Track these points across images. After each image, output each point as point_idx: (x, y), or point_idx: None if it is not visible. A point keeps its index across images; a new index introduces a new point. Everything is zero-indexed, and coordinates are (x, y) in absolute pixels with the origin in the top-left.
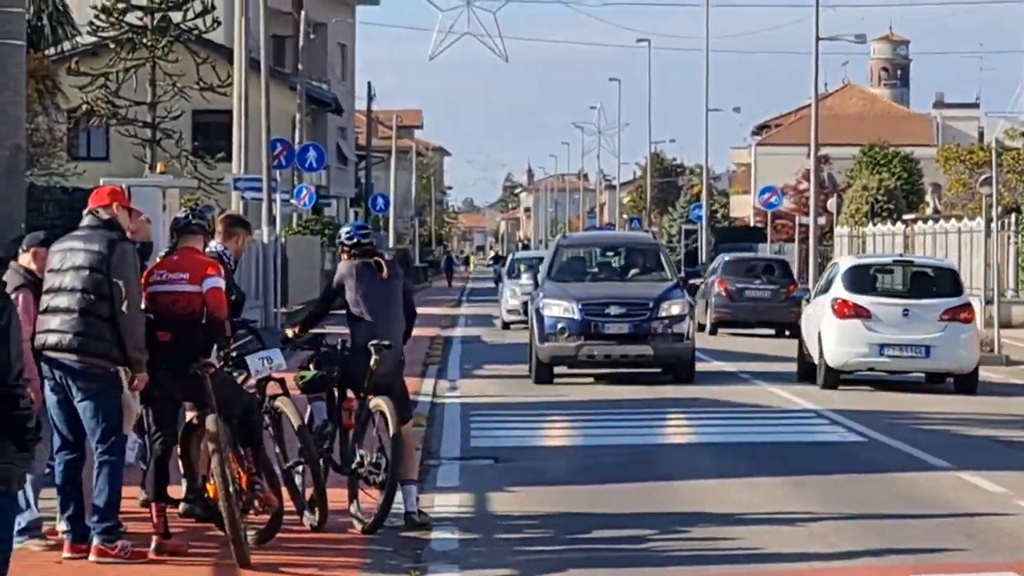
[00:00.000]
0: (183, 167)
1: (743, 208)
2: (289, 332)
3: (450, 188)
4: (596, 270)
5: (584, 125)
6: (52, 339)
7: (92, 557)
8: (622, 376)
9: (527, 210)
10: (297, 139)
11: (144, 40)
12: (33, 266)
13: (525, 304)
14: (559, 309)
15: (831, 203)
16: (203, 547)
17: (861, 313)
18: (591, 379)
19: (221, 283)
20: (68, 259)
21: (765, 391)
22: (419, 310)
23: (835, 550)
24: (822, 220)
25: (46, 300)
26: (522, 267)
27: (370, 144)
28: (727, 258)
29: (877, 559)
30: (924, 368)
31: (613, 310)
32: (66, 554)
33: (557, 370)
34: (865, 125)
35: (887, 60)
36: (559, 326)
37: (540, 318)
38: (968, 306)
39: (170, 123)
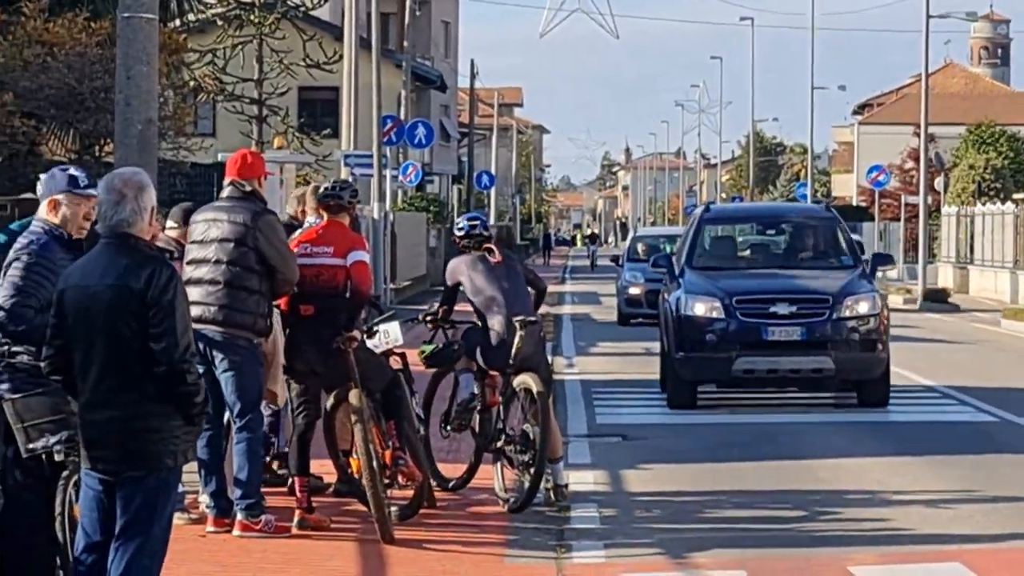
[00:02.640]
0: (289, 143)
1: (845, 187)
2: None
3: (548, 166)
4: (753, 254)
5: (685, 103)
6: (196, 311)
7: (236, 532)
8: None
9: (625, 188)
10: (403, 116)
11: (251, 17)
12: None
13: (649, 294)
14: (705, 308)
15: (938, 182)
16: (345, 522)
17: None
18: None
19: (366, 257)
20: (212, 231)
21: None
22: None
23: (984, 532)
24: (928, 199)
25: (189, 271)
26: (641, 247)
27: (472, 122)
28: None
29: None
30: None
31: (780, 309)
32: (210, 528)
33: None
34: (968, 104)
35: (988, 39)
36: (706, 331)
37: (679, 321)
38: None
39: (276, 100)
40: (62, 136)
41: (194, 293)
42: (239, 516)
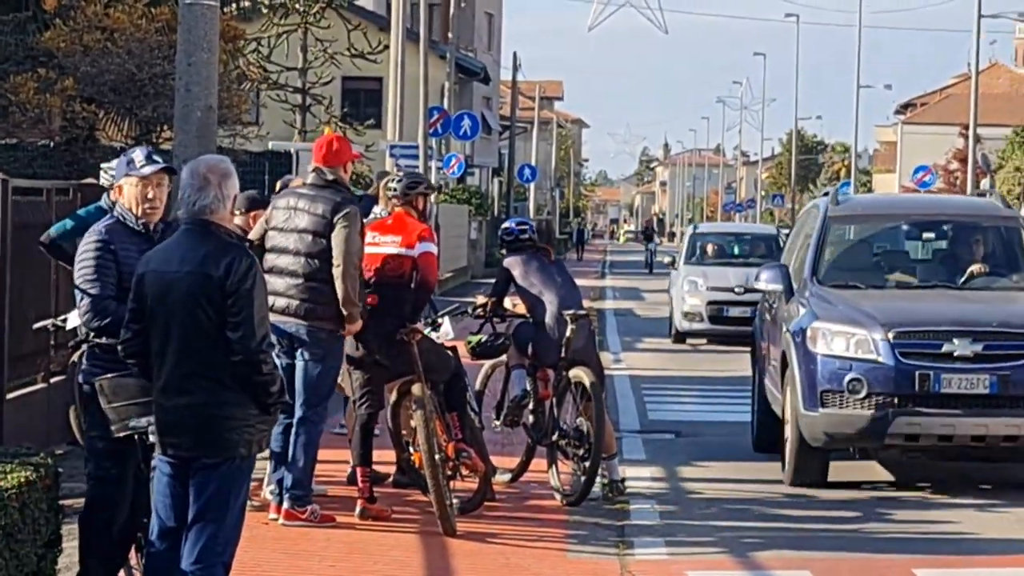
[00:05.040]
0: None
1: (887, 187)
2: (481, 299)
3: (587, 161)
4: (906, 266)
5: (727, 100)
6: (280, 303)
7: (281, 520)
8: None
9: (663, 184)
10: (447, 108)
11: (296, 5)
12: (249, 228)
13: (714, 307)
14: (846, 342)
15: (984, 183)
16: (407, 513)
17: None
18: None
19: (434, 248)
20: (292, 220)
21: None
22: None
23: None
24: None
25: (271, 259)
26: (710, 247)
27: (514, 115)
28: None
29: None
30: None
31: (960, 348)
32: (272, 515)
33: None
34: (1013, 105)
35: None
36: (848, 376)
37: (806, 360)
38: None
39: (320, 89)
40: (120, 122)
41: (277, 283)
42: (285, 504)
